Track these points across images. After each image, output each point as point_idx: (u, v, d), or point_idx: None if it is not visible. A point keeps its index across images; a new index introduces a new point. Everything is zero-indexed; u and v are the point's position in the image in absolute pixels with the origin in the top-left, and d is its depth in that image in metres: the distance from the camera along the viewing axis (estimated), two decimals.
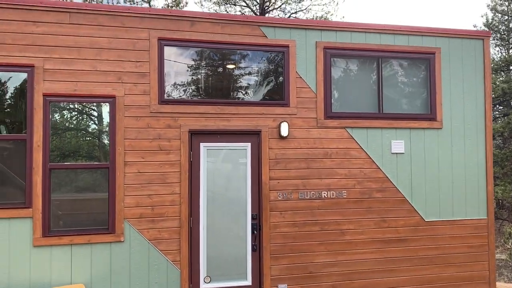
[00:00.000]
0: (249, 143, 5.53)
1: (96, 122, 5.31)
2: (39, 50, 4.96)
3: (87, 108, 5.29)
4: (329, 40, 5.78)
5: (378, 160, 5.82)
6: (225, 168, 5.50)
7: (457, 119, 6.12)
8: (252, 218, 5.48)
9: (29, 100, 4.91)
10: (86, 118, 5.31)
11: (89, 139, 5.35)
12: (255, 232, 5.47)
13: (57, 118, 5.15)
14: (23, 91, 4.97)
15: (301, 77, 5.67)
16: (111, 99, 5.14)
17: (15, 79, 4.99)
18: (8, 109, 5.09)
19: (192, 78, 5.54)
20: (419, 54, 6.06)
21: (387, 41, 5.96)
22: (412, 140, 5.96)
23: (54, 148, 5.06)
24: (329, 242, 5.62)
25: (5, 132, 4.99)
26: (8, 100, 5.05)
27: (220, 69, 5.64)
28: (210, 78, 5.61)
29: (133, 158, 5.17)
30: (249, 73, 5.68)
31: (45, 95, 4.95)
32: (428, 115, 6.03)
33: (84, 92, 5.07)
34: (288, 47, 5.64)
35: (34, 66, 4.93)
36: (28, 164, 4.86)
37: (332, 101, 5.74)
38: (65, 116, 5.25)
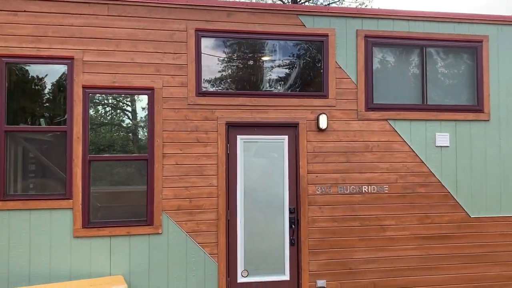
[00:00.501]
0: (286, 136, 5.41)
1: (135, 114, 5.29)
2: (78, 42, 4.98)
3: (125, 100, 5.28)
4: (370, 28, 5.57)
5: (422, 153, 5.58)
6: (262, 161, 5.40)
7: (506, 110, 5.80)
8: (290, 212, 5.37)
9: (69, 92, 4.94)
10: (125, 110, 5.31)
11: (128, 131, 5.35)
12: (293, 226, 5.35)
13: (96, 110, 5.17)
14: (61, 84, 5.01)
15: (340, 67, 5.49)
16: (149, 91, 5.12)
17: (53, 72, 5.03)
18: (47, 103, 5.14)
19: (229, 69, 5.45)
20: (465, 43, 5.76)
21: (431, 29, 5.70)
22: (458, 133, 5.69)
23: (93, 141, 5.07)
24: (369, 237, 5.45)
25: (44, 125, 5.05)
26: (47, 93, 5.10)
27: (257, 60, 5.52)
28: (247, 69, 5.51)
29: (171, 150, 5.14)
30: (287, 64, 5.54)
31: (84, 87, 4.97)
32: (475, 106, 5.74)
33: (123, 84, 5.06)
34: (327, 36, 5.47)
35: (73, 58, 4.96)
36: (69, 156, 4.90)
37: (374, 92, 5.53)
38: (104, 109, 5.27)
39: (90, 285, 4.60)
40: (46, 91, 5.08)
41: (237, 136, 5.32)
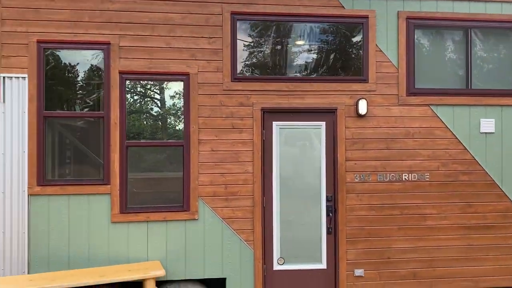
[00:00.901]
0: (324, 122, 5.27)
1: (171, 100, 5.24)
2: (115, 27, 4.95)
3: (162, 86, 5.24)
4: (412, 9, 5.33)
5: (465, 140, 5.36)
6: (298, 148, 5.29)
7: None
8: (327, 200, 5.26)
9: (105, 77, 4.93)
10: (161, 96, 5.28)
11: (164, 117, 5.32)
12: (330, 214, 5.24)
13: (132, 96, 5.16)
14: (95, 70, 5.01)
15: (381, 51, 5.29)
16: (185, 77, 5.06)
17: (88, 58, 5.01)
18: (83, 89, 5.14)
19: (264, 53, 5.33)
20: None
21: (477, 10, 5.42)
22: (504, 119, 5.43)
23: (130, 127, 5.06)
24: (409, 227, 5.29)
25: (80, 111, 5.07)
26: (83, 79, 5.10)
27: (294, 43, 5.38)
28: (283, 53, 5.37)
29: (207, 136, 5.08)
30: (325, 47, 5.38)
31: (121, 73, 4.95)
32: None
33: (159, 70, 5.02)
34: (367, 18, 5.27)
35: (110, 44, 4.93)
36: (106, 141, 4.91)
37: (415, 76, 5.32)
38: (140, 94, 5.25)
39: (128, 270, 4.62)
40: (82, 77, 5.08)
41: (273, 122, 5.21)
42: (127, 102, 5.03)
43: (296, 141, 5.28)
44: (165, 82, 5.18)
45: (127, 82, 5.02)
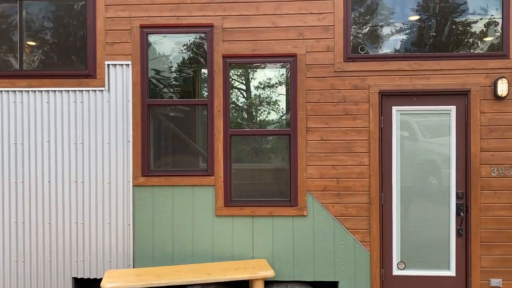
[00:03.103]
0: (454, 106, 4.51)
1: (276, 84, 4.82)
2: (218, 8, 4.62)
3: (266, 69, 4.84)
4: None
5: None
6: (422, 136, 4.59)
7: None
8: (457, 197, 4.50)
9: (209, 62, 4.62)
10: (266, 80, 4.87)
11: (269, 103, 4.91)
12: (461, 214, 4.49)
13: (236, 81, 4.81)
14: (197, 54, 4.72)
15: None
16: (291, 58, 4.59)
17: (190, 41, 4.74)
18: (182, 76, 4.90)
19: (382, 28, 4.69)
20: None
21: None
22: None
23: (233, 114, 4.73)
24: None
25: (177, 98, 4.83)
26: (184, 65, 4.85)
27: (416, 16, 4.67)
28: (404, 28, 4.69)
29: (316, 124, 4.58)
30: (453, 19, 4.60)
31: (224, 57, 4.61)
32: None
33: (264, 52, 4.60)
34: None
35: (213, 26, 4.60)
36: (210, 130, 4.61)
37: None
38: (244, 79, 4.89)
39: (235, 268, 4.29)
40: (184, 62, 4.83)
41: (392, 107, 4.57)
42: (231, 88, 4.68)
43: (420, 128, 4.59)
44: (270, 65, 4.75)
45: (231, 66, 4.66)
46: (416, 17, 4.67)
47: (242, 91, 5.03)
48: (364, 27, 4.68)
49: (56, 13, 4.81)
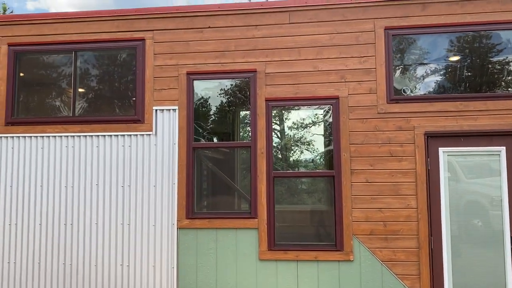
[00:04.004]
0: (503, 147, 4.39)
1: (319, 126, 4.86)
2: (261, 54, 4.77)
3: (308, 112, 4.89)
4: None
5: None
6: (471, 178, 4.45)
7: None
8: None
9: (252, 106, 4.72)
10: (308, 122, 4.92)
11: (311, 145, 4.93)
12: None
13: (278, 124, 4.88)
14: (234, 99, 4.86)
15: None
16: (334, 101, 4.63)
17: (227, 86, 4.90)
18: (219, 119, 5.02)
19: (424, 70, 4.69)
20: None
21: None
22: None
23: (276, 156, 4.75)
24: None
25: (216, 141, 4.93)
26: (221, 109, 4.99)
27: (459, 57, 4.65)
28: (447, 69, 4.67)
29: (360, 166, 4.54)
30: (500, 59, 4.55)
31: (267, 100, 4.71)
32: None
33: (306, 95, 4.68)
34: None
35: (256, 71, 4.74)
36: (253, 172, 4.64)
37: None
38: (286, 122, 4.95)
39: None
40: (216, 107, 4.97)
41: (439, 148, 4.48)
42: (273, 130, 4.74)
43: (468, 170, 4.46)
44: (312, 107, 4.81)
45: (273, 109, 4.75)
46: (457, 58, 4.65)
47: (282, 133, 5.08)
48: (406, 68, 4.69)
49: (107, 61, 5.09)
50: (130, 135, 4.81)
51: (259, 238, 4.56)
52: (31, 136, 4.92)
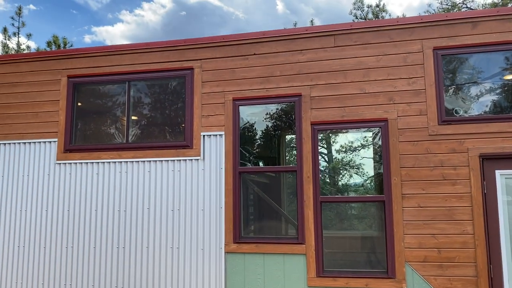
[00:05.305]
0: None
1: (368, 149, 4.78)
2: (306, 78, 4.79)
3: (356, 135, 4.83)
4: None
5: None
6: None
7: None
8: None
9: (297, 130, 4.72)
10: (356, 145, 4.85)
11: (361, 169, 4.85)
12: None
13: (325, 147, 4.84)
14: (279, 123, 4.87)
15: None
16: (382, 123, 4.54)
17: (272, 111, 4.94)
18: (264, 143, 5.05)
19: (478, 89, 4.52)
20: None
21: None
22: None
23: (323, 181, 4.70)
24: None
25: (262, 165, 4.94)
26: (266, 133, 5.02)
27: None
28: (503, 87, 4.47)
29: (412, 190, 4.39)
30: None
31: (312, 124, 4.70)
32: None
33: (353, 118, 4.62)
34: None
35: (301, 95, 4.76)
36: (299, 196, 4.61)
37: None
38: (333, 146, 4.91)
39: None
40: (269, 129, 5.00)
41: (496, 170, 4.26)
42: (320, 154, 4.71)
43: None
44: (360, 130, 4.74)
45: (319, 133, 4.73)
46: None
47: (330, 156, 5.03)
48: (458, 88, 4.54)
49: (158, 90, 5.30)
50: (180, 160, 4.95)
51: (307, 264, 4.49)
52: (87, 162, 5.18)
